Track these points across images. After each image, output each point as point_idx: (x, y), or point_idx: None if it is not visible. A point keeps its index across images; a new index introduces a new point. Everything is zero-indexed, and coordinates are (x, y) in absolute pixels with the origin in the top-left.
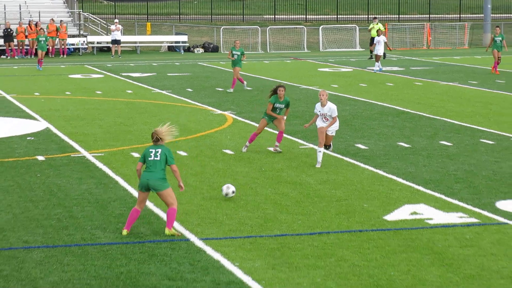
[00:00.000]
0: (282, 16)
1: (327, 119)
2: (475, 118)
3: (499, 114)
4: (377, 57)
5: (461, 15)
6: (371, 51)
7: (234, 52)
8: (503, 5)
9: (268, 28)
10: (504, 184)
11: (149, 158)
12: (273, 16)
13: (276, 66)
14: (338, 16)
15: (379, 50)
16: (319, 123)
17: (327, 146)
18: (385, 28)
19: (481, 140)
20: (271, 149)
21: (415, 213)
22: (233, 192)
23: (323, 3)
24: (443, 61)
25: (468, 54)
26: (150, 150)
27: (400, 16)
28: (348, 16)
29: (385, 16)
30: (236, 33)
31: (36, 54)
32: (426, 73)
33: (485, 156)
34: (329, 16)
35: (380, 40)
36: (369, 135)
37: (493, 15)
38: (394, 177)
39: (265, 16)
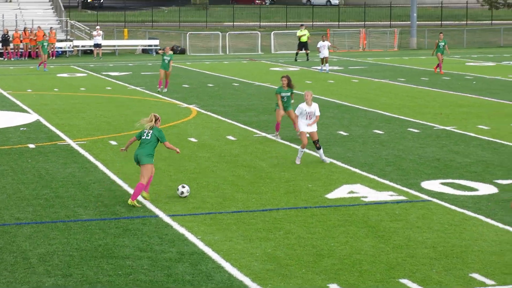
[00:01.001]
0: (239, 23)
1: (311, 117)
2: (403, 110)
3: (423, 107)
4: (323, 59)
5: (391, 22)
6: (297, 53)
7: (164, 57)
8: (426, 14)
9: (227, 33)
10: (428, 166)
11: (142, 137)
12: (232, 23)
13: (234, 66)
14: (287, 23)
15: (325, 53)
16: (302, 126)
17: (316, 142)
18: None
19: (408, 129)
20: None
21: (352, 192)
22: (187, 191)
23: (275, 12)
24: (376, 61)
25: (397, 55)
26: (145, 130)
27: (340, 23)
28: (296, 23)
29: (327, 23)
30: (200, 38)
31: (30, 56)
32: (362, 71)
33: (412, 142)
34: (280, 23)
35: (325, 45)
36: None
37: (418, 22)
38: (334, 161)
39: (225, 23)
